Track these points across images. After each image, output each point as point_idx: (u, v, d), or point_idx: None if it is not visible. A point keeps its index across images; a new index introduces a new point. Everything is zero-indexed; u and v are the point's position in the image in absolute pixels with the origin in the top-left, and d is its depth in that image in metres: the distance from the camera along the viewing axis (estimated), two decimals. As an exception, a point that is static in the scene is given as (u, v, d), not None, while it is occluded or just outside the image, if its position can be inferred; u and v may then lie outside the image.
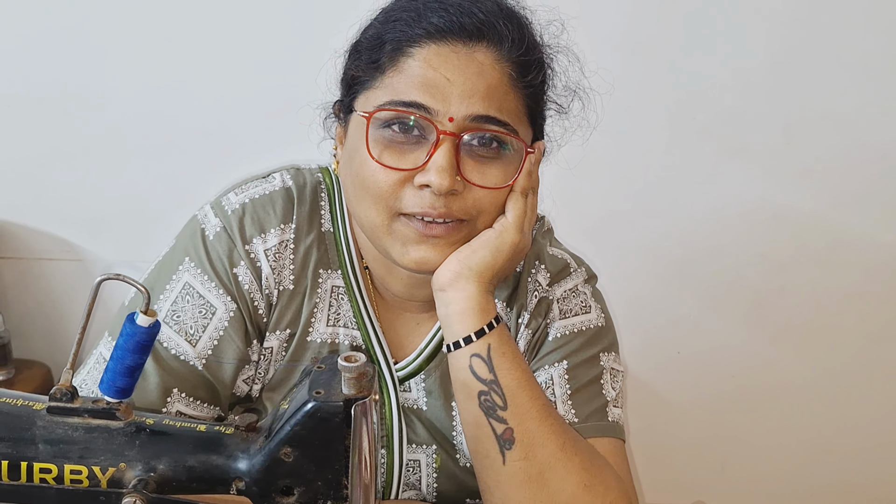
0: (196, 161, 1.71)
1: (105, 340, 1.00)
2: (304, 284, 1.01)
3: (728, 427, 1.82)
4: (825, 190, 1.72)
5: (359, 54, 0.96)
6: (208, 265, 0.98)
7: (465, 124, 0.90)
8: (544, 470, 0.92)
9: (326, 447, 0.69)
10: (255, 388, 1.03)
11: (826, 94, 1.67)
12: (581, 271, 1.11)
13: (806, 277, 1.77)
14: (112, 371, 0.72)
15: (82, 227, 1.73)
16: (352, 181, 0.96)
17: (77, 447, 0.70)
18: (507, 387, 0.93)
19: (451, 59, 0.90)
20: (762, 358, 1.82)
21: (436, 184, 0.89)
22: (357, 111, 0.95)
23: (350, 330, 1.03)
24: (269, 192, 1.02)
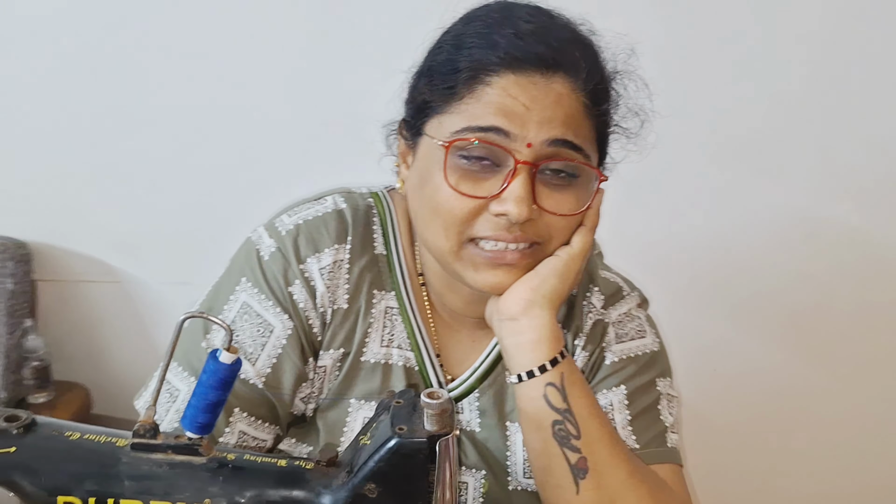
0: (234, 184, 1.72)
1: (171, 367, 1.01)
2: (359, 304, 1.02)
3: (765, 445, 1.82)
4: (861, 206, 1.72)
5: (431, 79, 0.96)
6: (265, 284, 0.99)
7: (542, 150, 0.90)
8: (615, 498, 0.92)
9: (409, 483, 0.70)
10: (309, 407, 1.04)
11: (862, 112, 1.68)
12: (634, 295, 1.12)
13: (842, 294, 1.77)
14: (195, 407, 0.72)
15: (121, 250, 1.74)
16: (422, 205, 0.96)
17: (162, 483, 0.71)
18: (580, 415, 0.93)
19: (530, 89, 0.90)
20: (799, 376, 1.82)
21: (514, 214, 0.89)
22: (430, 136, 0.95)
23: (404, 351, 1.04)
24: (322, 213, 1.03)
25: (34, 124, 1.70)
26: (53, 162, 1.71)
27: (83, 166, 1.71)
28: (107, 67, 1.66)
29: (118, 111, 1.68)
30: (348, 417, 1.03)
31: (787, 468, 1.87)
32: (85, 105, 1.68)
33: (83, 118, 1.69)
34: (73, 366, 1.77)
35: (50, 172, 1.71)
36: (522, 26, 0.92)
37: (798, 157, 1.71)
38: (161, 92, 1.67)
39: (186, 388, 0.98)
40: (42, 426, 0.73)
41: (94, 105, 1.68)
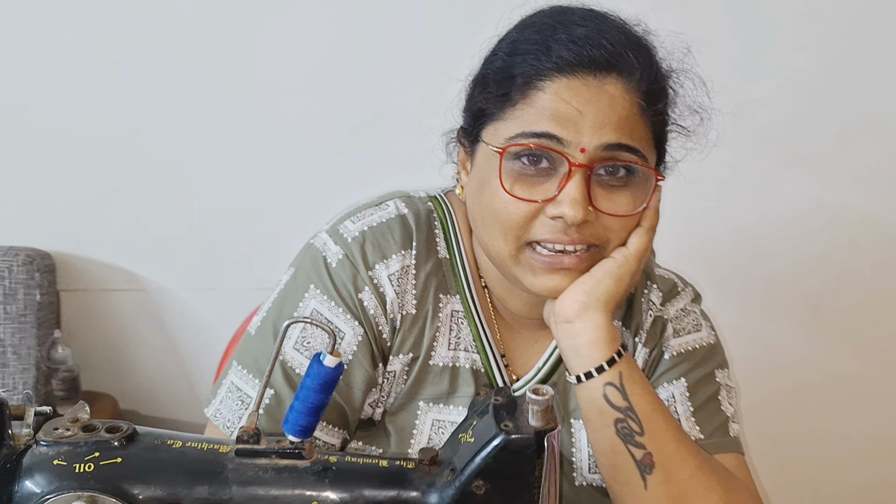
0: (257, 189, 1.72)
1: (235, 369, 1.01)
2: (426, 309, 1.03)
3: (787, 429, 1.85)
4: (879, 192, 1.76)
5: (486, 86, 0.97)
6: (334, 291, 0.99)
7: (596, 154, 0.91)
8: (685, 492, 0.93)
9: (517, 479, 0.70)
10: (377, 411, 1.04)
11: (878, 98, 1.71)
12: (689, 291, 1.13)
13: (862, 279, 1.81)
14: (298, 411, 0.73)
15: (145, 257, 1.74)
16: (481, 210, 0.97)
17: (269, 487, 0.71)
18: (643, 412, 0.94)
19: (583, 92, 0.91)
20: (820, 360, 1.85)
21: (570, 216, 0.90)
22: (486, 142, 0.96)
23: (470, 354, 1.05)
24: (387, 219, 1.03)
25: (54, 132, 1.68)
26: (73, 171, 1.70)
27: (103, 174, 1.71)
28: (126, 75, 1.65)
29: (138, 118, 1.67)
30: (417, 420, 1.04)
31: (808, 450, 1.90)
32: (104, 113, 1.67)
33: (102, 126, 1.68)
34: (99, 375, 1.76)
35: (70, 181, 1.70)
36: (575, 31, 0.93)
37: (815, 146, 1.74)
38: (182, 98, 1.66)
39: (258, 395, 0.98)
40: (143, 436, 0.73)
41: (114, 112, 1.67)
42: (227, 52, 1.64)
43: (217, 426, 1.00)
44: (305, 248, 1.05)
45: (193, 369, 1.79)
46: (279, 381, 0.98)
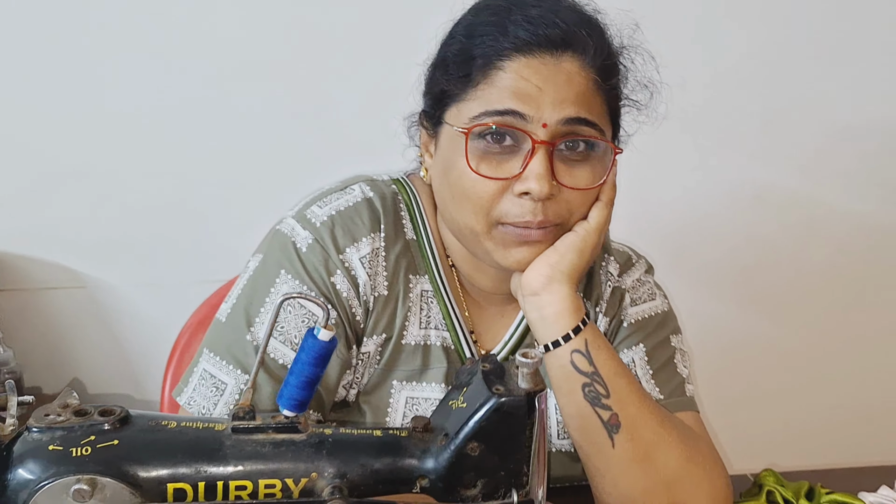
0: (198, 185, 1.69)
1: (206, 356, 1.02)
2: (397, 290, 1.05)
3: (723, 393, 1.92)
4: (805, 170, 1.85)
5: (447, 69, 1.00)
6: (306, 276, 1.01)
7: (557, 129, 0.95)
8: (650, 448, 0.99)
9: (510, 439, 0.73)
10: (351, 392, 1.06)
11: (800, 82, 1.80)
12: (642, 262, 1.19)
13: (788, 253, 1.90)
14: (293, 386, 0.74)
15: (86, 255, 1.69)
16: (449, 190, 1.00)
17: (268, 462, 0.72)
18: (607, 376, 0.99)
19: (541, 70, 0.94)
20: (752, 329, 1.95)
21: (536, 190, 0.93)
22: (450, 124, 0.99)
23: (440, 331, 1.08)
24: (353, 203, 1.05)
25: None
26: (7, 168, 1.65)
27: (39, 171, 1.66)
28: (68, 65, 1.61)
29: (74, 112, 1.63)
30: (391, 398, 1.06)
31: (741, 410, 1.99)
32: (44, 105, 1.62)
33: (36, 122, 1.63)
34: (42, 376, 1.71)
35: (4, 179, 1.65)
36: (530, 11, 0.97)
37: (743, 128, 1.82)
38: (121, 91, 1.62)
39: (233, 382, 0.99)
40: (136, 418, 0.73)
41: (49, 108, 1.63)
42: (168, 41, 1.61)
43: (191, 413, 1.00)
44: (272, 234, 1.06)
45: (140, 367, 1.76)
46: (254, 366, 0.99)
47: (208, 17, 1.61)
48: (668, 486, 0.99)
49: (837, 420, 2.06)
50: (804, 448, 1.92)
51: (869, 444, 1.94)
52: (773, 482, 1.10)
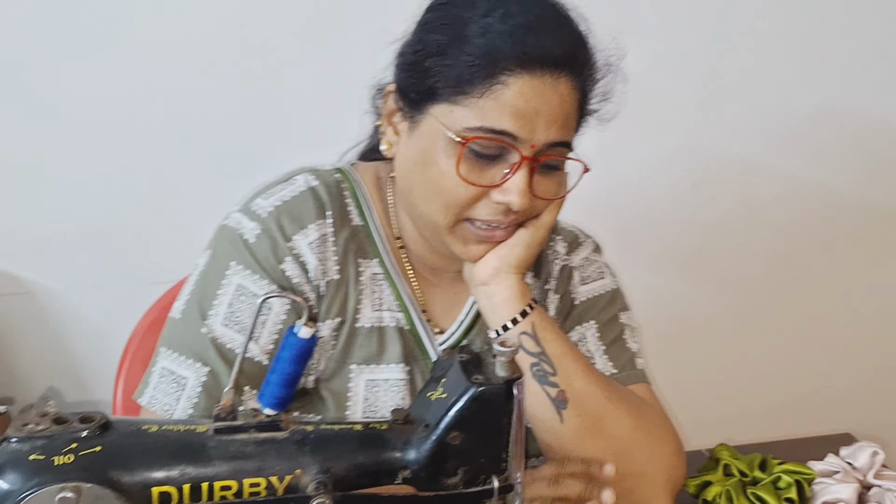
0: (140, 183, 1.66)
1: (164, 354, 1.02)
2: (348, 274, 1.07)
3: (676, 372, 1.98)
4: (737, 153, 1.92)
5: (444, 61, 0.97)
6: (256, 265, 1.02)
7: (543, 149, 0.97)
8: (597, 420, 1.03)
9: (490, 426, 0.75)
10: (309, 379, 1.07)
11: (731, 68, 1.86)
12: (590, 241, 1.24)
13: (725, 233, 1.97)
14: (274, 384, 0.75)
15: (27, 259, 1.65)
16: (423, 181, 1.01)
17: (252, 461, 0.72)
18: (554, 354, 1.04)
19: (541, 91, 0.95)
20: (696, 308, 2.02)
21: (516, 204, 0.97)
22: (441, 122, 0.98)
23: (394, 313, 1.10)
24: (298, 192, 1.07)
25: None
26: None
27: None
28: (1, 62, 1.56)
29: (14, 109, 1.58)
30: (350, 384, 1.08)
31: (682, 383, 2.05)
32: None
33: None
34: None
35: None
36: (539, 23, 0.96)
37: (679, 114, 1.87)
38: (60, 87, 1.58)
39: (194, 376, 0.99)
40: (117, 424, 0.73)
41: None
42: (110, 36, 1.57)
43: (154, 412, 1.00)
44: (219, 229, 1.07)
45: (88, 371, 1.73)
46: (213, 359, 1.00)
47: (155, 9, 1.58)
48: (619, 456, 1.02)
49: (785, 394, 2.15)
50: (755, 423, 1.99)
51: (815, 415, 2.02)
52: (728, 456, 1.15)
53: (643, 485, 1.04)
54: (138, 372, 1.43)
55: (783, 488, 1.09)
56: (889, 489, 1.10)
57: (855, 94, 1.95)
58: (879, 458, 1.15)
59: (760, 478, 1.11)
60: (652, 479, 1.05)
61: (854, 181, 2.03)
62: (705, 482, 1.13)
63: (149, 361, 1.42)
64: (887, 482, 1.12)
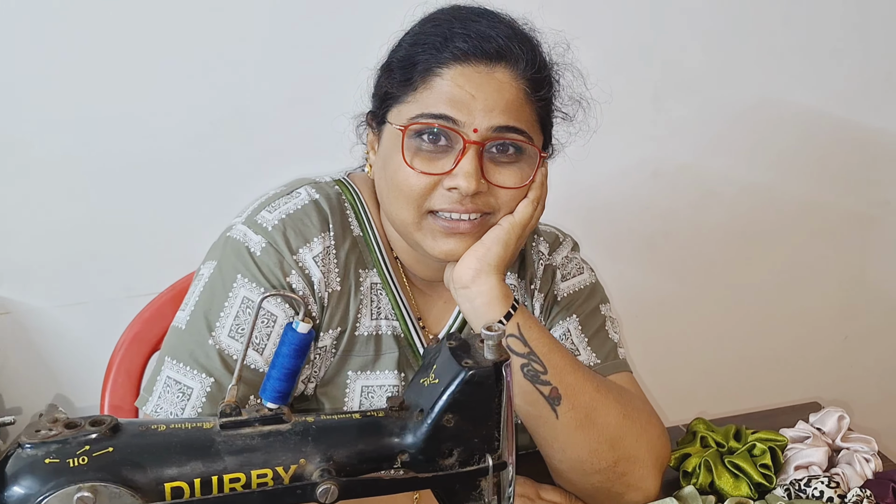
0: (119, 198, 1.67)
1: (169, 364, 1.04)
2: (349, 284, 1.10)
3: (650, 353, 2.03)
4: (689, 143, 1.98)
5: (391, 73, 1.07)
6: (262, 278, 1.05)
7: (487, 134, 1.02)
8: (589, 412, 1.07)
9: (482, 407, 0.79)
10: (309, 386, 1.10)
11: (682, 63, 1.92)
12: (568, 240, 1.28)
13: (682, 220, 2.04)
14: (275, 378, 0.79)
15: (6, 279, 1.66)
16: (386, 184, 1.06)
17: (259, 453, 0.76)
18: (542, 353, 1.07)
19: (475, 79, 1.02)
20: (656, 294, 2.08)
21: (463, 187, 1.01)
22: (390, 122, 1.05)
23: (391, 321, 1.13)
24: (301, 205, 1.10)
25: None
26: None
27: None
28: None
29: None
30: (347, 388, 1.11)
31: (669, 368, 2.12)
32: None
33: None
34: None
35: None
36: (470, 25, 1.04)
37: (635, 108, 1.93)
38: (36, 105, 1.58)
39: (199, 386, 1.02)
40: (126, 425, 0.76)
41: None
42: (80, 53, 1.57)
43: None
44: (224, 240, 1.10)
45: (73, 389, 1.74)
46: (218, 369, 1.02)
47: (129, 27, 1.59)
48: (611, 443, 1.08)
49: (753, 367, 2.22)
50: (727, 398, 2.06)
51: (783, 386, 2.09)
52: (704, 429, 1.21)
53: (634, 468, 1.09)
54: (124, 384, 1.46)
55: (758, 455, 1.14)
56: (857, 450, 1.16)
57: (796, 88, 2.03)
58: (845, 422, 1.21)
59: (736, 447, 1.17)
60: (642, 462, 1.10)
61: (796, 168, 2.11)
62: (684, 454, 1.18)
63: (133, 373, 1.45)
64: (854, 444, 1.18)
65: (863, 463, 1.14)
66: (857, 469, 1.13)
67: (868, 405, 2.21)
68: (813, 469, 1.14)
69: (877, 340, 2.35)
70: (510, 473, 0.82)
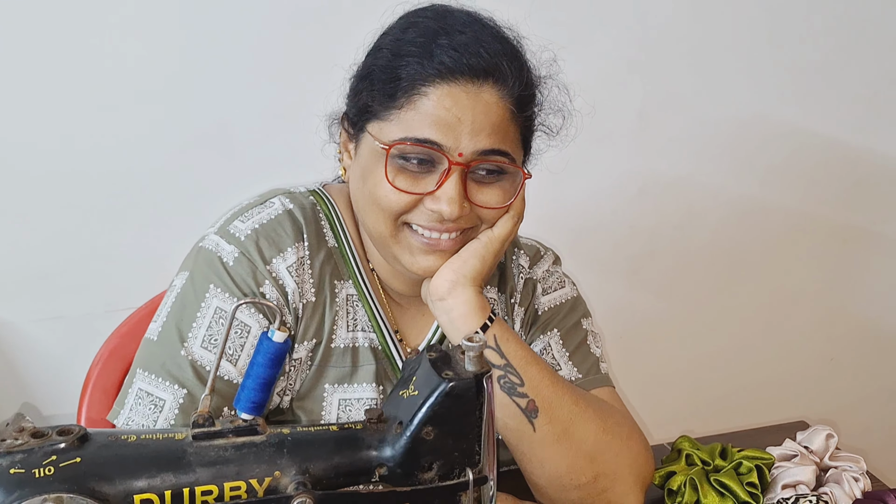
0: (93, 212, 1.65)
1: (140, 376, 1.02)
2: (324, 296, 1.08)
3: (635, 372, 2.01)
4: (678, 161, 1.98)
5: (372, 84, 1.03)
6: (235, 289, 1.03)
7: (472, 157, 1.00)
8: (567, 426, 1.05)
9: (461, 420, 0.77)
10: (285, 399, 1.08)
11: (669, 82, 1.92)
12: (549, 254, 1.26)
13: (669, 240, 2.03)
14: (250, 389, 0.76)
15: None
16: (364, 194, 1.05)
17: (232, 465, 0.74)
18: (519, 366, 1.05)
19: (462, 99, 0.99)
20: (643, 314, 2.07)
21: (447, 213, 1.00)
22: (372, 136, 1.02)
23: (367, 333, 1.11)
24: (275, 216, 1.08)
25: None
26: None
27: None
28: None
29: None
30: (324, 402, 1.09)
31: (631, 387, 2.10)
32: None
33: None
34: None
35: None
36: (456, 37, 1.00)
37: (621, 126, 1.93)
38: (9, 115, 1.57)
39: (171, 398, 0.99)
40: (95, 435, 0.74)
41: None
42: (59, 63, 1.55)
43: None
44: (196, 251, 1.08)
45: (48, 404, 1.71)
46: (191, 380, 1.00)
47: (100, 39, 1.57)
48: (590, 458, 1.06)
49: (738, 388, 2.20)
50: (713, 416, 2.04)
51: (769, 407, 2.07)
52: (690, 447, 1.19)
53: (615, 484, 1.08)
54: (101, 399, 1.43)
55: (744, 473, 1.12)
56: (845, 469, 1.15)
57: (783, 106, 2.03)
58: (833, 441, 1.19)
59: (722, 465, 1.15)
60: (623, 479, 1.08)
61: (783, 188, 2.10)
62: (669, 472, 1.16)
63: (110, 389, 1.42)
64: (843, 463, 1.16)
65: (851, 482, 1.12)
66: (845, 489, 1.12)
67: (855, 426, 2.20)
68: (801, 488, 1.12)
69: (863, 362, 2.34)
70: (491, 488, 0.80)
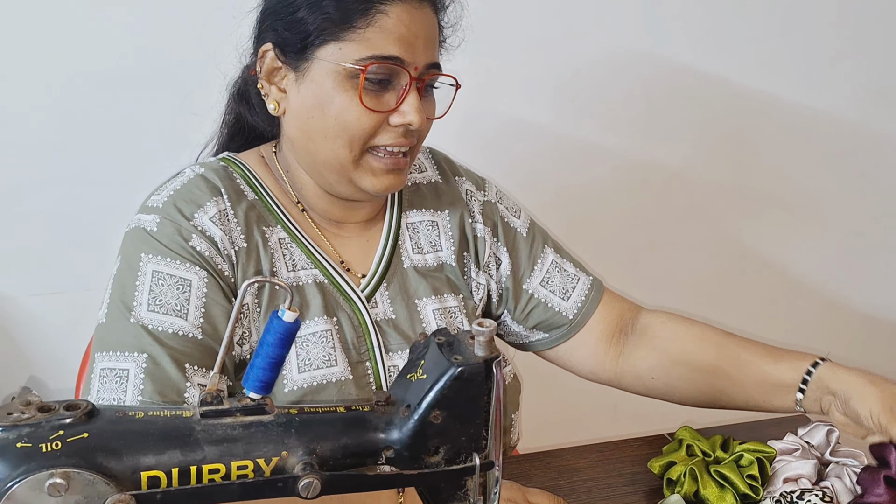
0: (90, 187, 1.65)
1: (100, 357, 1.03)
2: (255, 240, 1.11)
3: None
4: (682, 152, 1.98)
5: (319, 6, 1.04)
6: (165, 249, 1.05)
7: (424, 71, 1.07)
8: None
9: (470, 405, 0.77)
10: (244, 349, 1.08)
11: (677, 69, 1.92)
12: (489, 181, 1.33)
13: (669, 232, 2.03)
14: (259, 367, 0.76)
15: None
16: (323, 124, 1.06)
17: (239, 444, 0.74)
18: None
19: (416, 16, 1.05)
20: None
21: (416, 122, 1.05)
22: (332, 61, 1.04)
23: (309, 270, 1.14)
24: (188, 180, 1.11)
25: None
26: None
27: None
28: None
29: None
30: None
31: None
32: None
33: None
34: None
35: None
36: None
37: (626, 115, 1.92)
38: (9, 93, 1.56)
39: (134, 365, 1.00)
40: (103, 411, 0.73)
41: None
42: (51, 43, 1.55)
43: None
44: (124, 236, 1.10)
45: (48, 378, 1.71)
46: (149, 344, 1.02)
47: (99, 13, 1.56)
48: None
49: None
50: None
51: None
52: (691, 437, 1.19)
53: None
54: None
55: (745, 466, 1.12)
56: (846, 464, 1.15)
57: (791, 100, 2.02)
58: (834, 435, 1.19)
59: (722, 457, 1.15)
60: None
61: (786, 181, 2.11)
62: (669, 462, 1.16)
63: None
64: (844, 458, 1.17)
65: (852, 477, 1.12)
66: (846, 483, 1.12)
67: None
68: (802, 482, 1.12)
69: (861, 356, 2.34)
70: (496, 474, 0.80)
